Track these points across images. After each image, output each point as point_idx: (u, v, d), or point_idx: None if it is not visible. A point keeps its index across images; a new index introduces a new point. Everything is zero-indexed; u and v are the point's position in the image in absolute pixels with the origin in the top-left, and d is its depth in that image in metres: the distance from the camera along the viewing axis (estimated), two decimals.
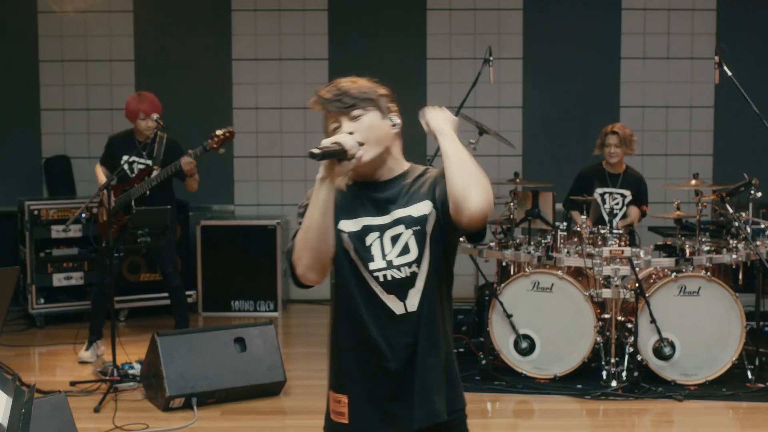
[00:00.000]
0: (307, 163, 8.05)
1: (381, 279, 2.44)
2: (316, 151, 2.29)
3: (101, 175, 6.09)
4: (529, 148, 8.05)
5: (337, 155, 2.31)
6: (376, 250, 2.46)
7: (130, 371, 5.65)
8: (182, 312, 6.25)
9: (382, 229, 2.46)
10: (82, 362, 6.11)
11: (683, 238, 5.99)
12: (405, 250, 2.46)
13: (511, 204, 5.99)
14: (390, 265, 2.45)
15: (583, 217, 5.84)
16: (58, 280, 7.20)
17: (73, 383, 5.58)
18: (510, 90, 8.03)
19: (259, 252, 7.57)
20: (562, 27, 8.08)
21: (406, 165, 2.55)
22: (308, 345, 6.77)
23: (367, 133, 2.41)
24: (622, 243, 5.69)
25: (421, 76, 8.04)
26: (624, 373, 5.55)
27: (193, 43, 8.09)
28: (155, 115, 5.93)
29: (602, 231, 5.75)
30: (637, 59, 8.06)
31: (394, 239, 2.46)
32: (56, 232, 7.05)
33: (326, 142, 2.33)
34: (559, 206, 6.39)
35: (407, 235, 2.46)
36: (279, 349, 5.47)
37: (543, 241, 5.83)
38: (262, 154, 8.11)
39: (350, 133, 2.39)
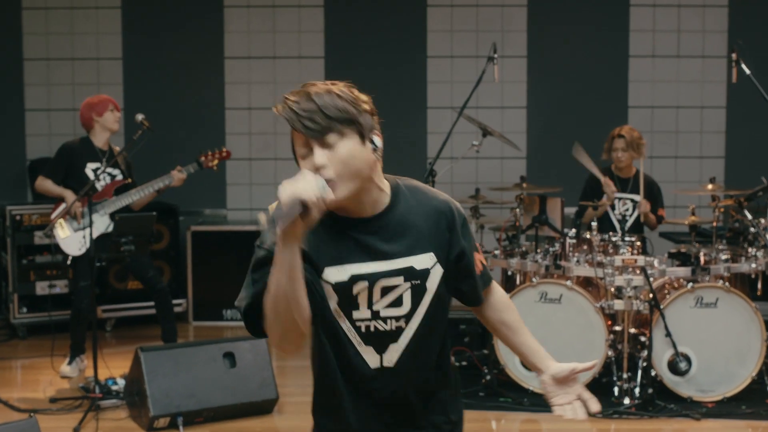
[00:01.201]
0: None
1: (363, 330, 2.13)
2: (262, 222, 1.91)
3: (54, 188, 5.72)
4: (534, 151, 7.79)
5: (296, 212, 1.85)
6: (362, 299, 2.12)
7: (114, 387, 5.33)
8: (169, 319, 5.98)
9: (373, 278, 2.10)
10: (64, 377, 5.81)
11: (698, 245, 5.70)
12: (396, 303, 2.13)
13: (517, 210, 5.71)
14: (376, 315, 2.12)
15: (594, 223, 5.54)
16: (42, 288, 6.90)
17: (53, 400, 5.28)
18: (514, 89, 7.78)
19: None
20: (567, 24, 7.84)
21: (388, 188, 2.15)
22: (303, 358, 6.36)
23: (343, 166, 1.97)
24: (635, 251, 5.40)
25: (421, 75, 7.79)
26: (637, 390, 5.26)
27: (183, 41, 7.84)
28: (140, 116, 5.62)
29: (613, 238, 5.46)
30: (646, 57, 7.82)
31: (387, 290, 2.12)
32: (39, 238, 6.74)
33: (283, 196, 1.86)
34: (569, 212, 6.10)
35: (403, 288, 2.13)
36: (271, 364, 5.17)
37: (551, 249, 5.56)
38: (255, 156, 7.86)
39: (322, 166, 1.96)
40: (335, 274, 2.07)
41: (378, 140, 2.07)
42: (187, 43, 7.83)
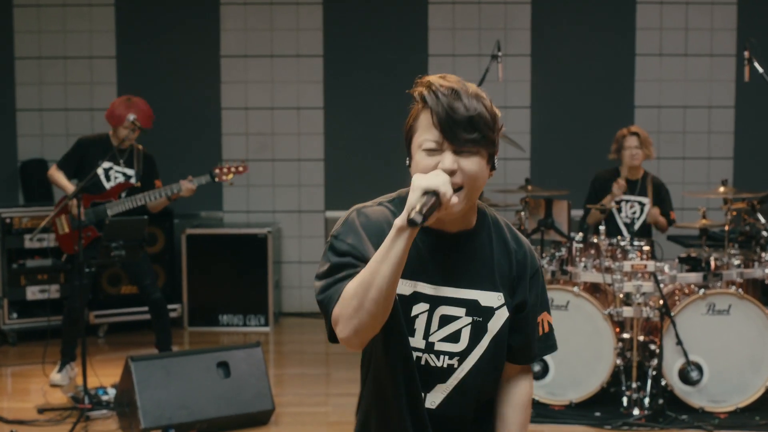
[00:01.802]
0: (301, 167, 7.65)
1: (413, 359, 1.98)
2: (417, 218, 1.74)
3: (63, 181, 5.60)
4: (538, 152, 7.64)
5: (434, 208, 1.79)
6: (419, 325, 1.96)
7: (104, 397, 5.17)
8: (164, 328, 5.83)
9: (435, 302, 1.96)
10: (54, 385, 5.63)
11: (708, 249, 5.52)
12: (453, 338, 1.98)
13: (522, 213, 5.53)
14: (430, 347, 1.97)
15: (602, 227, 5.37)
16: (32, 293, 6.72)
17: (41, 410, 5.11)
18: (517, 89, 7.61)
19: (249, 262, 7.13)
20: (572, 22, 7.68)
21: (475, 210, 2.01)
22: (301, 365, 6.28)
23: (471, 180, 1.87)
24: (644, 256, 5.22)
25: (423, 74, 7.46)
26: (647, 400, 5.09)
27: (178, 39, 7.68)
28: (131, 116, 5.45)
29: (622, 243, 5.28)
30: (653, 56, 7.65)
31: (445, 320, 1.97)
32: (30, 241, 6.56)
33: (419, 190, 1.77)
34: (576, 215, 5.93)
35: (463, 322, 1.98)
36: (267, 374, 5.00)
37: (557, 253, 5.39)
38: (252, 157, 7.69)
39: (452, 172, 1.84)
40: (400, 285, 1.90)
41: (496, 161, 1.98)
42: (183, 41, 7.68)
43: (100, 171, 5.50)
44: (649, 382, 5.15)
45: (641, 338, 5.22)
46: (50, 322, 6.12)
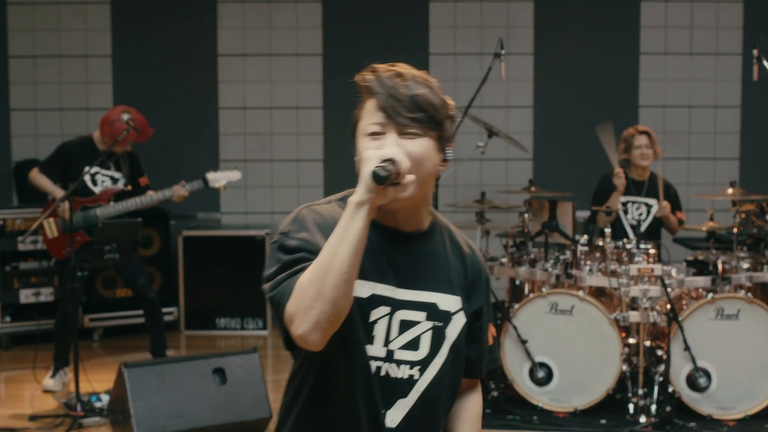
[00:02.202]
0: (300, 168, 7.54)
1: (373, 370, 1.82)
2: (382, 172, 1.66)
3: (48, 185, 5.47)
4: (541, 152, 7.53)
5: (393, 176, 1.72)
6: (379, 331, 1.82)
7: (97, 404, 5.04)
8: (159, 330, 5.73)
9: (395, 305, 1.83)
10: (47, 391, 5.51)
11: (715, 252, 5.41)
12: (413, 345, 1.85)
13: (526, 215, 5.41)
14: (390, 356, 1.83)
15: (608, 230, 5.24)
16: (26, 296, 6.59)
17: (32, 418, 4.98)
18: (520, 88, 7.51)
19: (247, 265, 7.00)
20: (576, 20, 7.58)
21: (429, 213, 1.93)
22: None
23: (416, 163, 1.77)
24: (651, 259, 5.10)
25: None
26: (654, 407, 4.97)
27: (175, 38, 7.58)
28: (126, 115, 5.33)
29: (628, 246, 5.16)
30: (658, 55, 7.55)
31: (405, 325, 1.84)
32: (23, 244, 6.43)
33: (375, 160, 1.70)
34: (580, 216, 5.81)
35: (423, 327, 1.85)
36: (264, 380, 4.88)
37: (561, 256, 5.27)
38: (250, 157, 7.58)
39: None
40: (357, 287, 1.77)
41: (450, 152, 1.88)
42: (179, 39, 7.58)
43: (86, 176, 5.38)
44: (656, 388, 5.04)
45: (648, 343, 5.10)
46: (40, 326, 5.99)
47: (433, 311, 1.85)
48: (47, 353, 5.70)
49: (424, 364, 1.85)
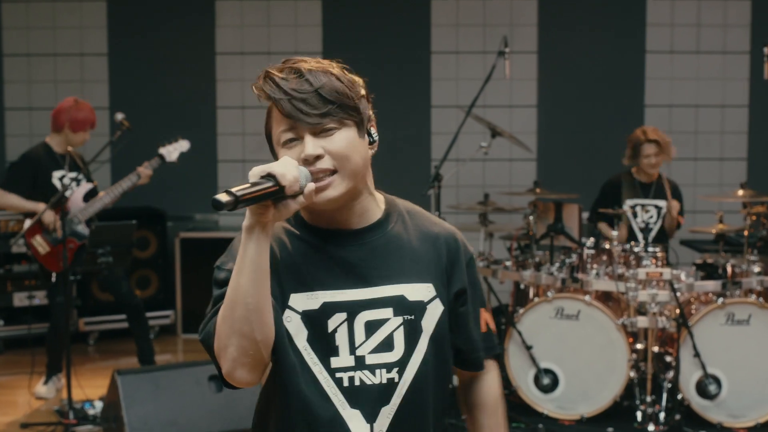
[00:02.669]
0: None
1: (345, 383, 1.68)
2: (223, 198, 1.51)
3: (20, 202, 5.26)
4: (545, 152, 7.41)
5: (271, 196, 1.55)
6: (341, 340, 1.68)
7: (90, 411, 4.93)
8: (146, 336, 5.64)
9: (353, 308, 1.69)
10: (40, 398, 5.38)
11: (725, 255, 5.28)
12: (386, 345, 1.70)
13: (531, 217, 5.28)
14: (360, 363, 1.69)
15: (614, 232, 5.11)
16: (20, 299, 6.48)
17: (24, 425, 4.86)
18: (523, 87, 7.39)
19: None
20: (580, 18, 7.46)
21: (381, 201, 1.78)
22: None
23: (341, 160, 1.64)
24: (659, 263, 4.97)
25: (425, 72, 7.41)
26: (662, 415, 4.84)
27: (172, 36, 7.47)
28: (120, 115, 5.21)
29: (635, 249, 5.03)
30: (664, 53, 7.42)
31: (371, 326, 1.69)
32: (17, 246, 6.30)
33: (254, 178, 1.56)
34: (585, 217, 5.69)
35: (393, 324, 1.70)
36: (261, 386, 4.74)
37: (567, 260, 5.15)
38: (249, 157, 7.47)
39: (317, 157, 1.62)
40: (302, 301, 1.67)
41: (375, 133, 1.77)
42: (177, 38, 7.48)
43: (56, 182, 5.26)
44: (665, 395, 4.92)
45: (656, 349, 4.97)
46: (30, 330, 5.87)
47: (400, 305, 1.70)
48: (42, 357, 5.58)
49: (401, 364, 1.71)
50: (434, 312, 1.73)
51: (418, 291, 1.72)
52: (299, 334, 1.67)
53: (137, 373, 4.59)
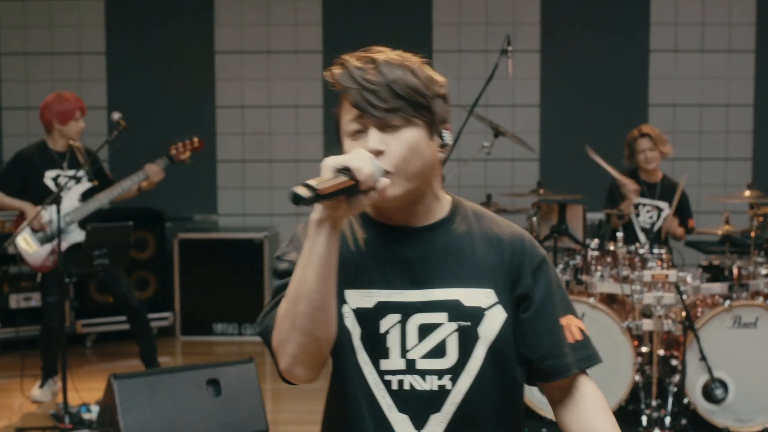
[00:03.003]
0: (299, 168, 7.35)
1: (394, 386, 1.62)
2: (302, 192, 1.43)
3: (8, 200, 5.22)
4: (548, 152, 7.35)
5: (347, 191, 1.49)
6: (393, 341, 1.62)
7: (86, 416, 4.86)
8: (148, 337, 5.54)
9: (407, 309, 1.62)
10: (36, 402, 5.31)
11: (732, 256, 5.21)
12: (438, 351, 1.63)
13: (534, 218, 5.22)
14: (411, 367, 1.62)
15: (620, 234, 5.05)
16: (16, 301, 6.40)
17: (19, 430, 4.79)
18: (526, 86, 7.33)
19: (245, 268, 6.85)
20: (584, 16, 7.41)
21: (447, 202, 1.71)
22: None
23: (403, 160, 1.57)
24: (665, 265, 4.90)
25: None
26: (668, 419, 4.77)
27: (171, 35, 7.42)
28: (117, 115, 5.13)
29: (641, 251, 4.96)
30: (668, 52, 7.36)
31: (424, 330, 1.63)
32: (13, 246, 6.22)
33: (328, 170, 1.47)
34: (591, 218, 5.62)
35: (447, 330, 1.63)
36: (260, 391, 4.68)
37: (571, 262, 5.09)
38: (248, 157, 7.42)
39: (378, 152, 1.55)
40: (357, 298, 1.61)
41: (448, 136, 1.69)
42: (175, 36, 7.42)
43: (48, 182, 5.18)
44: (671, 400, 4.85)
45: (661, 353, 4.90)
46: (25, 332, 5.79)
47: (455, 310, 1.63)
48: (36, 360, 5.51)
49: (455, 371, 1.63)
50: (495, 319, 1.65)
51: (476, 296, 1.65)
52: (354, 331, 1.62)
53: (134, 377, 4.51)
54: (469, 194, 7.18)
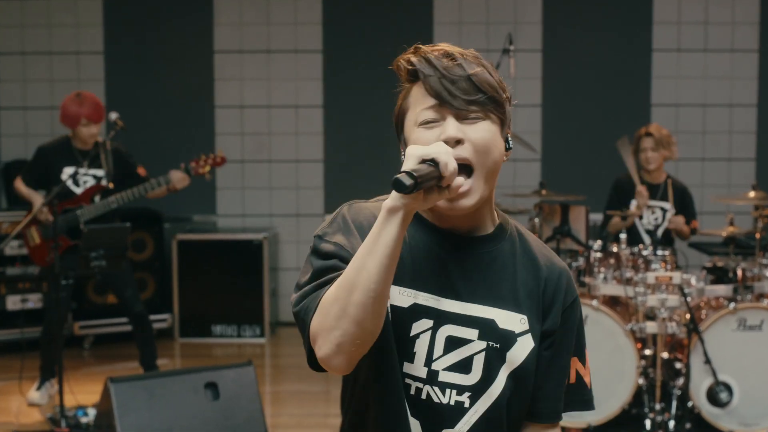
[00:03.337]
0: (299, 168, 7.30)
1: (412, 391, 1.57)
2: (406, 180, 1.39)
3: (26, 192, 5.24)
4: (549, 152, 7.30)
5: (431, 180, 1.45)
6: (420, 347, 1.57)
7: (83, 419, 4.80)
8: (148, 342, 5.46)
9: (440, 318, 1.57)
10: (32, 404, 5.25)
11: (736, 258, 5.15)
12: (463, 367, 1.58)
13: (536, 219, 5.15)
14: (432, 377, 1.57)
15: (623, 235, 4.99)
16: (13, 302, 6.35)
17: None
18: (528, 86, 7.27)
19: (244, 270, 6.79)
20: (586, 15, 7.37)
21: (495, 215, 1.67)
22: (299, 381, 5.88)
23: (483, 150, 1.54)
24: (669, 266, 4.84)
25: None
26: (672, 423, 4.71)
27: (170, 34, 7.37)
28: (114, 114, 5.07)
29: (644, 252, 4.90)
30: (671, 52, 7.31)
31: (453, 343, 1.58)
32: (11, 248, 6.19)
33: (414, 159, 1.43)
34: (595, 219, 5.56)
35: (475, 347, 1.59)
36: (259, 395, 4.61)
37: (574, 263, 5.03)
38: (248, 158, 7.36)
39: (458, 141, 1.51)
40: (394, 295, 1.55)
41: (511, 141, 1.66)
42: (174, 35, 7.37)
43: (65, 178, 5.13)
44: (674, 403, 4.78)
45: (665, 356, 4.84)
46: (23, 334, 5.74)
47: (488, 329, 1.59)
48: (32, 363, 5.45)
49: (476, 390, 1.59)
50: (524, 346, 1.61)
51: (511, 320, 1.61)
52: (386, 327, 1.55)
53: (131, 380, 4.45)
54: None
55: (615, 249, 4.98)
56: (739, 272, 4.90)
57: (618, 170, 5.91)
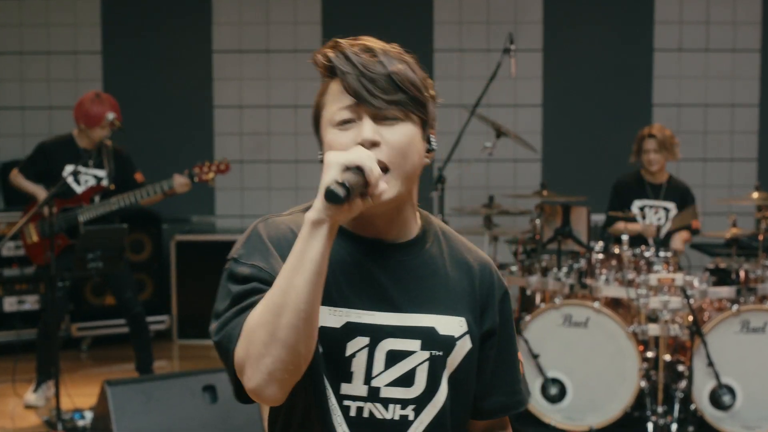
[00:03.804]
0: (298, 169, 7.26)
1: (352, 413, 1.50)
2: (340, 191, 1.34)
3: (29, 185, 5.19)
4: (550, 152, 7.26)
5: (359, 188, 1.39)
6: (358, 366, 1.50)
7: (80, 422, 4.77)
8: (145, 345, 5.43)
9: (377, 334, 1.50)
10: (29, 406, 5.22)
11: (739, 259, 5.12)
12: (406, 380, 1.51)
13: (537, 220, 5.12)
14: (374, 395, 1.50)
15: (625, 237, 4.95)
16: (10, 304, 6.31)
17: None
18: (528, 86, 7.25)
19: None
20: (587, 15, 7.34)
21: (418, 217, 1.60)
22: None
23: (400, 153, 1.47)
24: (671, 268, 4.80)
25: (428, 70, 7.11)
26: (674, 426, 4.69)
27: (168, 33, 7.33)
28: (111, 115, 5.03)
29: (646, 253, 4.87)
30: (672, 51, 7.28)
31: (394, 357, 1.51)
32: (7, 249, 6.15)
33: (336, 168, 1.38)
34: (597, 220, 5.52)
35: (418, 359, 1.52)
36: None
37: (575, 265, 4.98)
38: (247, 158, 7.33)
39: (374, 144, 1.44)
40: (324, 316, 1.45)
41: (434, 140, 1.59)
42: (173, 35, 7.34)
43: (68, 174, 5.09)
44: (677, 406, 4.75)
45: (668, 358, 4.81)
46: (20, 336, 5.71)
47: (430, 338, 1.52)
48: (29, 365, 5.42)
49: (420, 402, 1.53)
50: (461, 350, 1.56)
51: (451, 324, 1.55)
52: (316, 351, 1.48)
53: (128, 383, 4.42)
54: (471, 196, 7.10)
55: (617, 250, 4.95)
56: (742, 274, 4.87)
57: (619, 171, 5.89)
